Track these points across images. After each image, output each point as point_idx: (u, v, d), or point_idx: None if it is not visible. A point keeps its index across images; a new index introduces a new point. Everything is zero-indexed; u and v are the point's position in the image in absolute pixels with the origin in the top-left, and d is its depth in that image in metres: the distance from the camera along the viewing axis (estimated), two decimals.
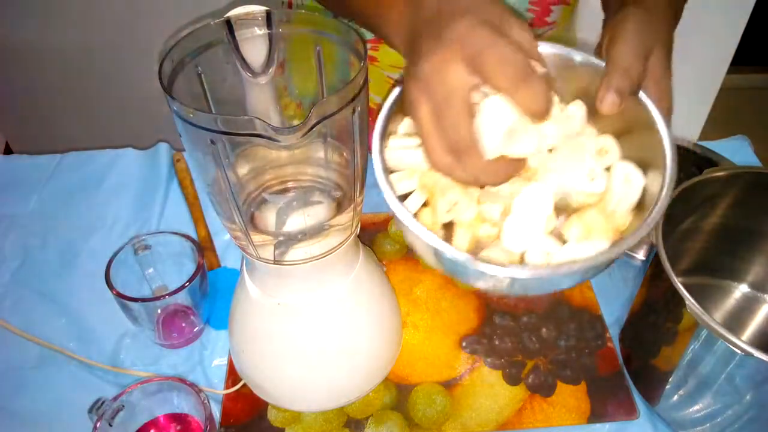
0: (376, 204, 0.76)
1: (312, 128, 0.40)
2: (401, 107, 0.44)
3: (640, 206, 0.42)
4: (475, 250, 0.42)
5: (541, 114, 0.37)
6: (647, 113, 0.42)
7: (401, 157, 0.43)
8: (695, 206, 0.60)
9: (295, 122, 0.39)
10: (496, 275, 0.37)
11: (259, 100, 0.50)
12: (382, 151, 0.42)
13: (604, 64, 0.43)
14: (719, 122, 1.45)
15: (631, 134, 0.43)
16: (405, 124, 0.45)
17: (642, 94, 0.43)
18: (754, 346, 0.45)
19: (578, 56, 0.44)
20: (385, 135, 0.43)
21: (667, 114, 0.43)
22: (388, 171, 0.41)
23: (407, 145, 0.43)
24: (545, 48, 0.44)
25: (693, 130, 1.46)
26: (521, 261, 0.41)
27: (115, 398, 0.53)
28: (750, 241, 0.63)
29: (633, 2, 0.46)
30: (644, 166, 0.42)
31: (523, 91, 0.37)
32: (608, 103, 0.41)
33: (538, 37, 0.52)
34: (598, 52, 0.46)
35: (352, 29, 0.46)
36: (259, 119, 0.38)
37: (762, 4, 1.27)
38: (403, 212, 0.39)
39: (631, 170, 0.41)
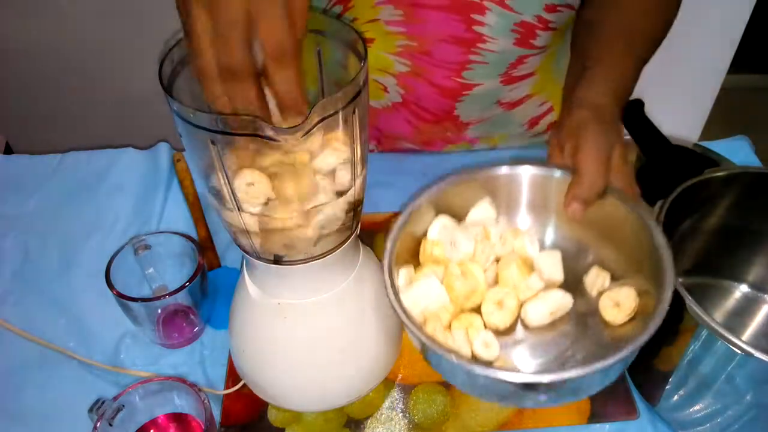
0: (376, 204, 0.76)
1: (312, 128, 0.40)
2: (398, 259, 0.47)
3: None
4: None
5: (289, 106, 0.38)
6: (627, 211, 0.47)
7: (417, 303, 0.45)
8: (695, 206, 0.60)
9: None
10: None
11: None
12: (401, 304, 0.44)
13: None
14: (719, 122, 1.45)
15: (615, 229, 0.47)
16: (403, 276, 0.48)
17: (615, 192, 0.47)
18: (754, 346, 0.45)
19: (557, 173, 0.49)
20: (395, 284, 0.45)
21: (636, 198, 0.48)
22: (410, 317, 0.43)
23: (423, 294, 0.46)
24: (530, 170, 0.49)
25: (693, 130, 1.46)
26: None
27: (116, 398, 0.53)
28: (750, 241, 0.63)
29: (581, 100, 0.51)
30: (635, 256, 0.46)
31: (279, 73, 0.37)
32: (572, 210, 0.46)
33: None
34: (550, 152, 0.51)
35: (353, 29, 0.46)
36: (260, 119, 0.38)
37: (762, 6, 1.27)
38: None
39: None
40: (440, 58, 0.71)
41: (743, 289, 0.66)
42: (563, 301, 0.47)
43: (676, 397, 0.55)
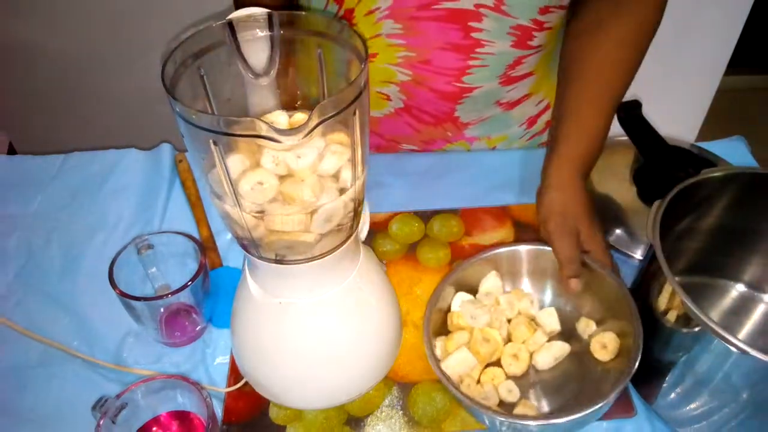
0: (376, 204, 0.77)
1: (313, 129, 0.40)
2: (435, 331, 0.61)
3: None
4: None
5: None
6: (604, 278, 0.60)
7: (454, 369, 0.58)
8: (692, 206, 0.60)
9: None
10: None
11: (261, 101, 0.50)
12: (443, 371, 0.56)
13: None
14: (717, 123, 1.45)
15: (599, 293, 0.62)
16: (438, 346, 0.60)
17: (589, 262, 0.61)
18: (751, 345, 0.46)
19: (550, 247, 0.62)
20: (435, 355, 0.58)
21: (610, 266, 0.61)
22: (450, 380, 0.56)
23: (459, 360, 0.58)
24: (531, 247, 0.63)
25: (690, 130, 1.47)
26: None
27: (119, 396, 0.54)
28: (747, 241, 0.64)
29: (551, 180, 0.64)
30: (613, 307, 0.59)
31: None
32: (572, 287, 0.60)
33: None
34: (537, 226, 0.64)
35: (354, 31, 0.46)
36: (261, 120, 0.39)
37: (760, 5, 1.28)
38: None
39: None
40: (440, 66, 0.72)
41: (740, 288, 0.67)
42: (563, 348, 0.61)
43: (673, 396, 0.56)
